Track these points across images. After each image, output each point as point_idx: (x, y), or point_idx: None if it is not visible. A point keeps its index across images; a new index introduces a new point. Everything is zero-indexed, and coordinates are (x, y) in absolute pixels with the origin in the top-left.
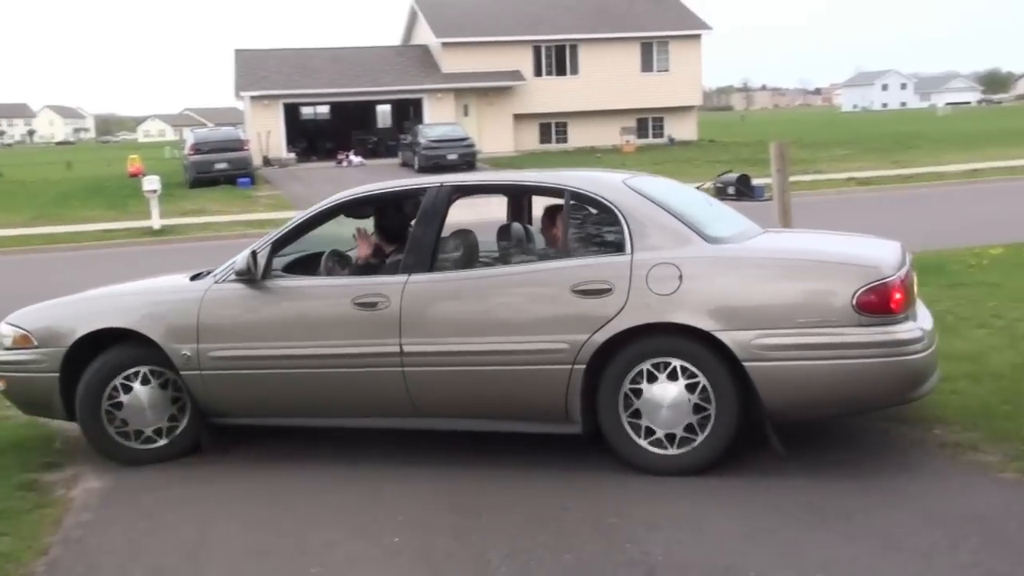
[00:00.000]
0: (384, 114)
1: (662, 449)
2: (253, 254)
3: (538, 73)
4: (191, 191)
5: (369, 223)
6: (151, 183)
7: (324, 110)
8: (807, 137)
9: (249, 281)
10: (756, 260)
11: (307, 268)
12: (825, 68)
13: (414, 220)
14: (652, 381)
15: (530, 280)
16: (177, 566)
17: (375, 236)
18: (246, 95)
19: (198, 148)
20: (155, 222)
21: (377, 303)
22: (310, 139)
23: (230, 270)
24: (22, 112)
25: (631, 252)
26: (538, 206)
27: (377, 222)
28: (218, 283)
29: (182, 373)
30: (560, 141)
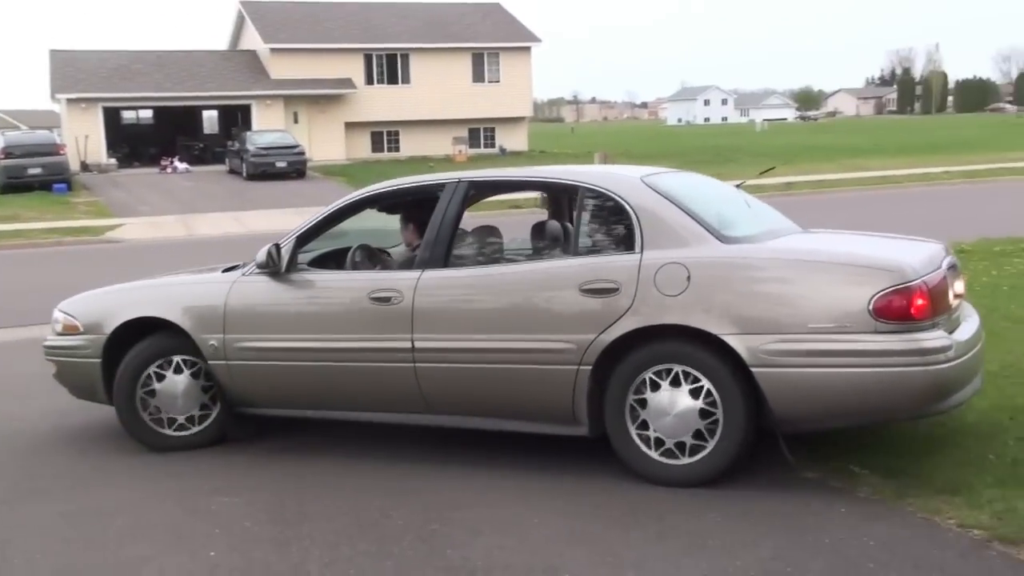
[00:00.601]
0: (211, 120)
1: (669, 459)
2: (276, 247)
3: (369, 81)
4: (2, 197)
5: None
6: None
7: (147, 115)
8: (634, 149)
9: (273, 274)
10: (768, 261)
11: (339, 263)
12: (651, 83)
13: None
14: (658, 387)
15: (540, 278)
16: None
17: (404, 230)
18: (62, 97)
19: (9, 152)
20: None
21: (391, 298)
22: (132, 144)
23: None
24: None
25: (641, 251)
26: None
27: (403, 217)
28: (245, 276)
29: (210, 363)
30: (392, 150)
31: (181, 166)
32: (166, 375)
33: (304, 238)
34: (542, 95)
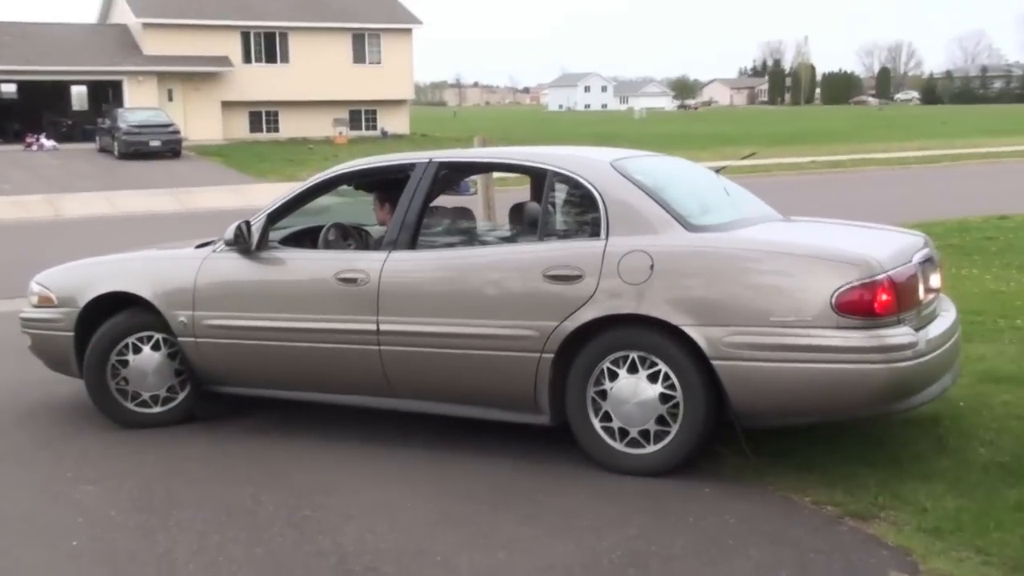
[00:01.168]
0: (80, 96)
1: (628, 447)
2: (247, 224)
3: (247, 60)
4: None
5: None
6: None
7: (11, 89)
8: (514, 134)
9: (244, 251)
10: (731, 251)
11: (314, 241)
12: (533, 69)
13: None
14: (619, 374)
15: (505, 263)
16: None
17: (378, 210)
18: None
19: None
20: None
21: (357, 279)
22: None
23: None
24: None
25: (606, 238)
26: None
27: (376, 196)
28: (216, 252)
29: (179, 339)
30: (271, 131)
31: (48, 143)
32: (142, 349)
33: (275, 216)
34: (424, 78)
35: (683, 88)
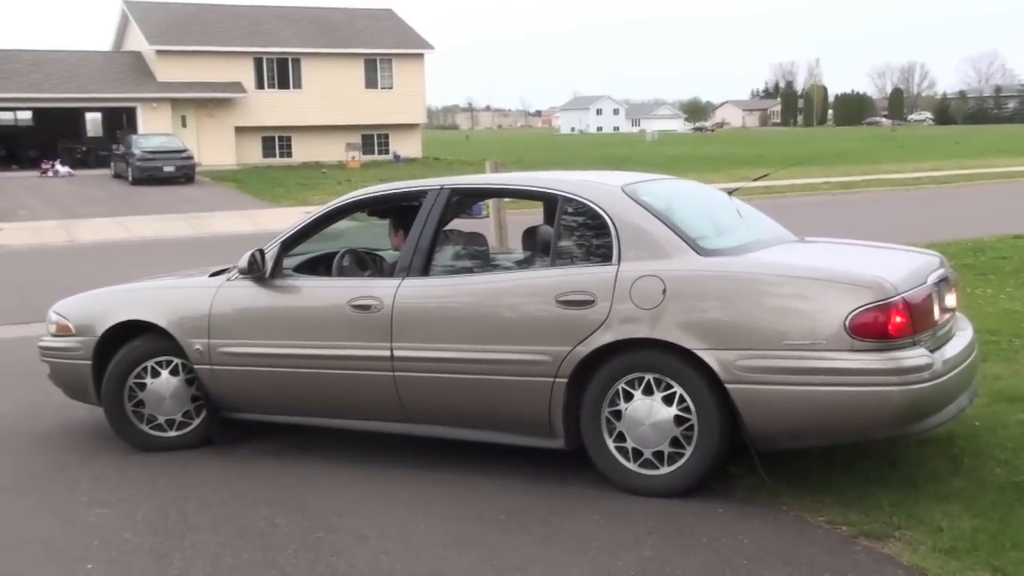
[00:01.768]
0: (95, 122)
1: (643, 468)
2: (260, 252)
3: (260, 86)
4: None
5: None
6: None
7: (26, 116)
8: (526, 157)
9: (258, 279)
10: (744, 275)
11: (328, 267)
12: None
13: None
14: (634, 397)
15: (518, 289)
16: None
17: (393, 236)
18: None
19: None
20: None
21: (371, 306)
22: (9, 147)
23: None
24: None
25: (618, 263)
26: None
27: (391, 222)
28: (230, 280)
29: (195, 367)
30: (284, 155)
31: (63, 170)
32: (160, 374)
33: (289, 243)
34: (436, 102)
35: (695, 110)
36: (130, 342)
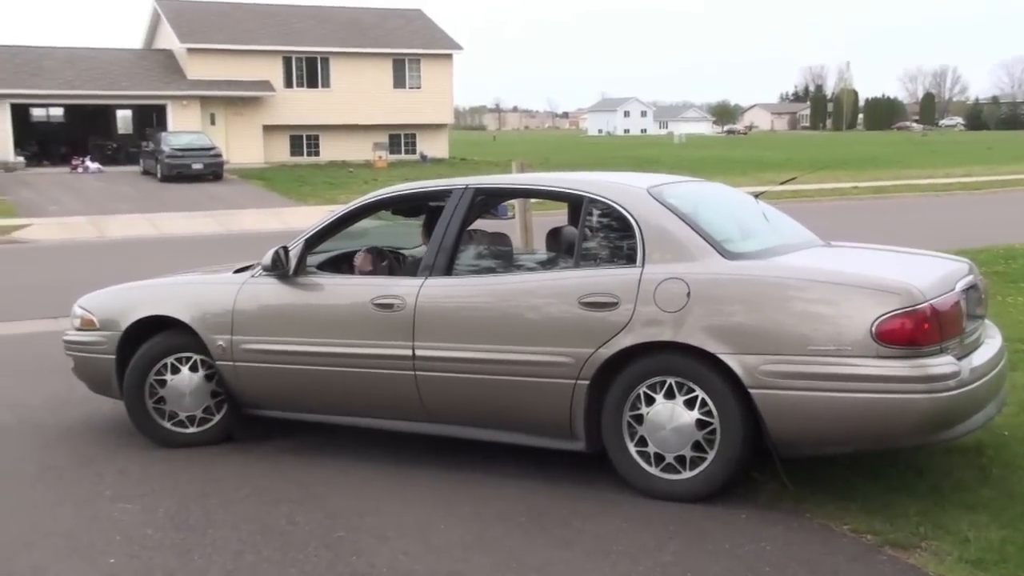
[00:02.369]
0: (125, 119)
1: (664, 473)
2: (284, 250)
3: (289, 84)
4: None
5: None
6: None
7: (58, 112)
8: (554, 158)
9: (281, 276)
10: (769, 279)
11: (351, 266)
12: (572, 93)
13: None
14: (656, 400)
15: (540, 290)
16: None
17: (423, 234)
18: None
19: None
20: None
21: (393, 305)
22: (42, 143)
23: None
24: None
25: (642, 265)
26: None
27: (424, 220)
28: (254, 277)
29: (217, 363)
30: (312, 154)
31: (93, 166)
32: (181, 370)
33: (313, 241)
34: (464, 103)
35: (723, 113)
36: (152, 338)
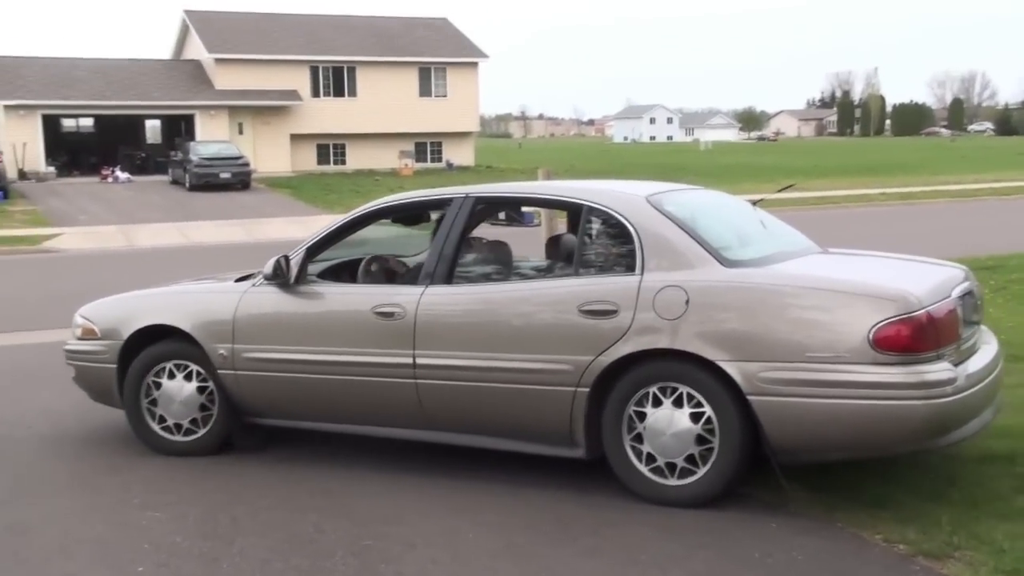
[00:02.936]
0: (154, 129)
1: (664, 478)
2: (285, 259)
3: (316, 94)
4: None
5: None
6: None
7: (88, 123)
8: (580, 166)
9: (282, 285)
10: (767, 287)
11: (354, 274)
12: (598, 100)
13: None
14: (656, 406)
15: (540, 298)
16: None
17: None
18: (0, 104)
19: None
20: None
21: (394, 313)
22: (72, 153)
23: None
24: None
25: (641, 273)
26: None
27: (433, 228)
28: (256, 286)
29: (219, 372)
30: (339, 163)
31: (122, 175)
32: (176, 376)
33: (314, 250)
34: (489, 110)
35: (749, 119)
36: (153, 344)
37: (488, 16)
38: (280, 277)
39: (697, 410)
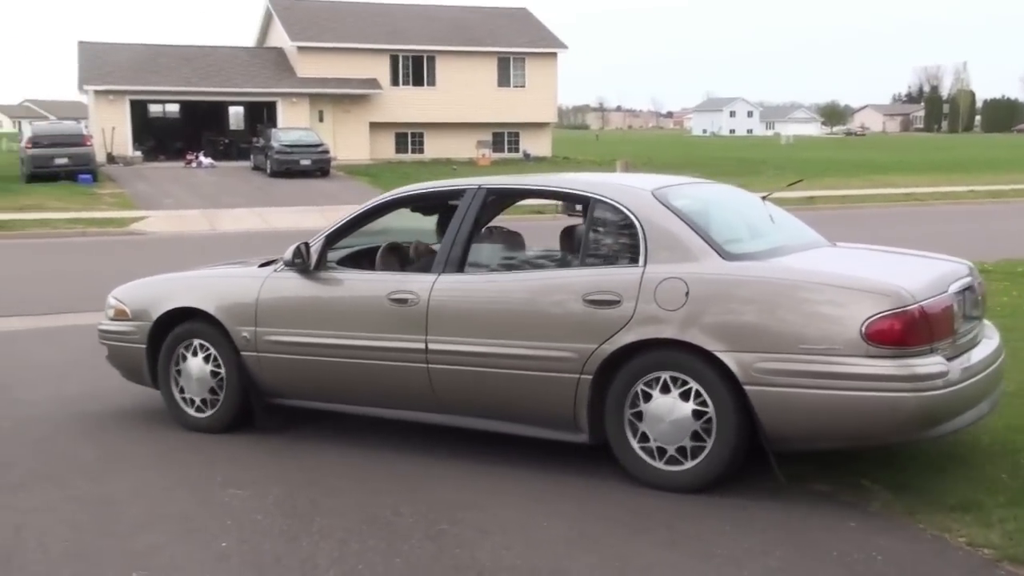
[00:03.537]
0: (237, 116)
1: (665, 465)
2: (305, 245)
3: (395, 83)
4: (28, 186)
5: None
6: None
7: (174, 109)
8: (657, 158)
9: (302, 271)
10: (764, 280)
11: (371, 261)
12: (677, 92)
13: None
14: (655, 396)
15: (547, 287)
16: None
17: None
18: (90, 89)
19: (36, 142)
20: None
21: (408, 300)
22: (158, 138)
23: None
24: None
25: (644, 265)
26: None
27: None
28: (277, 271)
29: (242, 354)
30: (416, 151)
31: (206, 161)
32: (198, 354)
33: (333, 237)
34: (567, 101)
35: (832, 114)
36: (178, 326)
37: (569, 4)
38: (300, 263)
39: (693, 397)
